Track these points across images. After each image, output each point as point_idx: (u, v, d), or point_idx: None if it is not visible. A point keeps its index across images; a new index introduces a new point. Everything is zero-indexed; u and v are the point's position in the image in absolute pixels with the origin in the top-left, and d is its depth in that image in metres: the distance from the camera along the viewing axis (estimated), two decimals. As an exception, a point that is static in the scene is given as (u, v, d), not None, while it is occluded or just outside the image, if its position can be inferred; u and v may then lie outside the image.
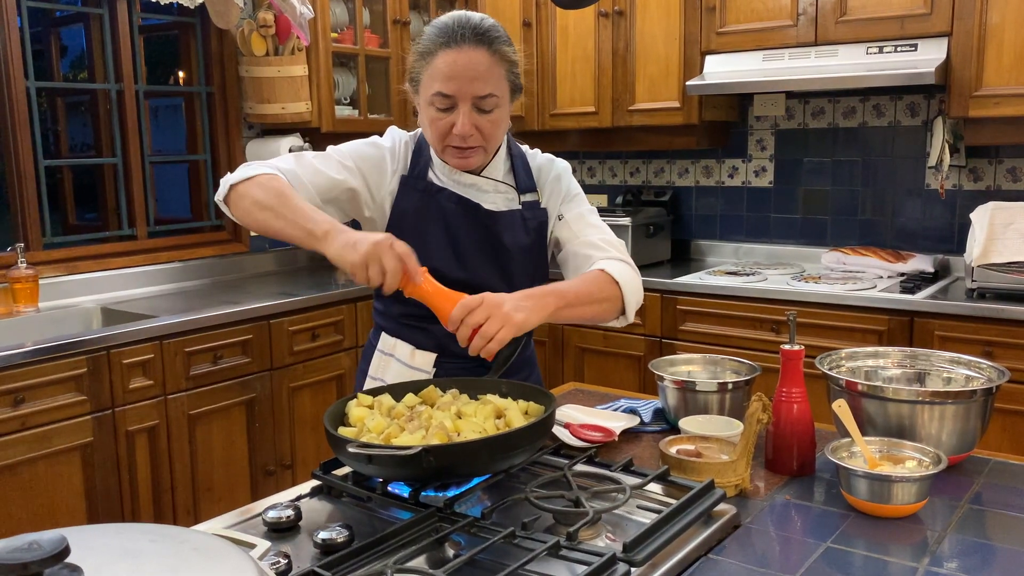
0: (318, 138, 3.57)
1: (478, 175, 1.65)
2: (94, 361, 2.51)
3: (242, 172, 1.52)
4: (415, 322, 1.67)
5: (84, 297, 3.08)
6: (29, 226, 3.03)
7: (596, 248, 1.65)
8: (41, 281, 2.93)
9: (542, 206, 1.70)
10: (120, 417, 2.58)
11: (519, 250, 1.66)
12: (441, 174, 1.65)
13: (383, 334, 1.73)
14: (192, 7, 3.26)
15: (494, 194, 1.66)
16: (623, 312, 1.60)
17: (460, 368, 1.63)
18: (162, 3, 3.19)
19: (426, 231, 1.62)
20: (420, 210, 1.63)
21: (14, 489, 2.37)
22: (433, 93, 1.52)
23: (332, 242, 1.37)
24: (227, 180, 1.53)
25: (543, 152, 1.77)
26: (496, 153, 1.67)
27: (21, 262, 2.86)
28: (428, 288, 1.38)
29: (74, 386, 2.48)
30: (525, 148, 1.75)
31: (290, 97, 3.40)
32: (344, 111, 3.63)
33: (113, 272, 3.20)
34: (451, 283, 1.45)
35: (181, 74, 3.72)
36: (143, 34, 3.39)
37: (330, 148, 1.64)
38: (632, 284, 1.59)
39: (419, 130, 1.69)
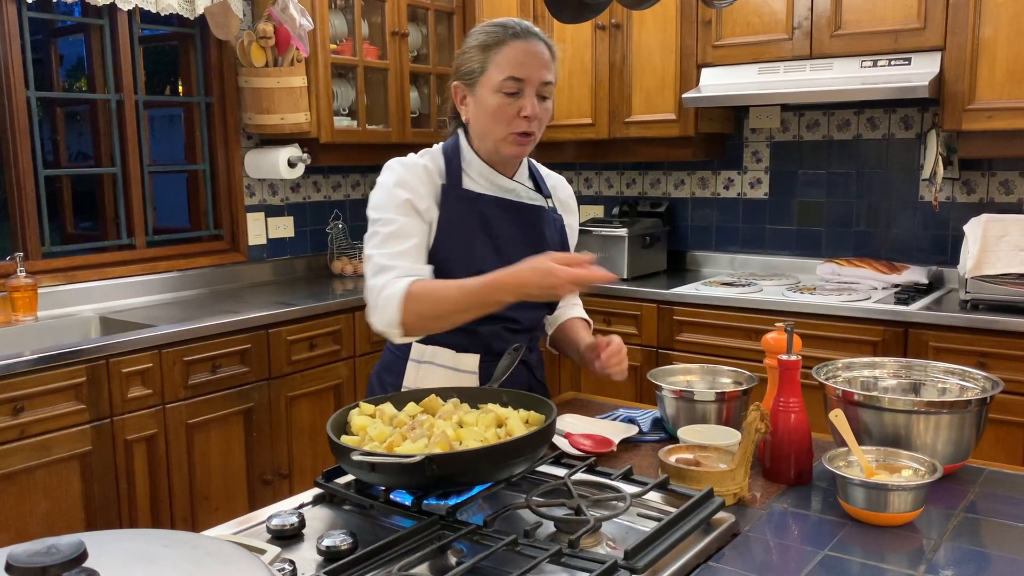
0: (317, 149, 3.58)
1: (512, 179, 1.74)
2: (93, 370, 2.52)
3: (389, 305, 1.53)
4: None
5: (83, 306, 3.09)
6: (28, 235, 3.03)
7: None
8: (40, 290, 2.93)
9: (559, 212, 1.84)
10: (119, 426, 2.59)
11: (554, 245, 1.77)
12: (480, 178, 1.71)
13: (414, 344, 1.73)
14: (192, 18, 3.28)
15: (527, 200, 1.76)
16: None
17: None
18: (162, 14, 3.21)
19: (472, 238, 1.68)
20: (463, 218, 1.68)
21: (13, 497, 2.37)
22: (505, 78, 1.61)
23: (514, 293, 1.47)
24: (385, 322, 1.55)
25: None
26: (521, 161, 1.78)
27: (20, 271, 2.87)
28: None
29: (73, 395, 2.48)
30: (533, 160, 1.86)
31: (289, 108, 3.41)
32: (343, 122, 3.65)
33: (112, 281, 3.21)
34: None
35: (180, 84, 3.73)
36: (143, 44, 3.40)
37: (376, 219, 1.65)
38: None
39: (438, 145, 1.76)
